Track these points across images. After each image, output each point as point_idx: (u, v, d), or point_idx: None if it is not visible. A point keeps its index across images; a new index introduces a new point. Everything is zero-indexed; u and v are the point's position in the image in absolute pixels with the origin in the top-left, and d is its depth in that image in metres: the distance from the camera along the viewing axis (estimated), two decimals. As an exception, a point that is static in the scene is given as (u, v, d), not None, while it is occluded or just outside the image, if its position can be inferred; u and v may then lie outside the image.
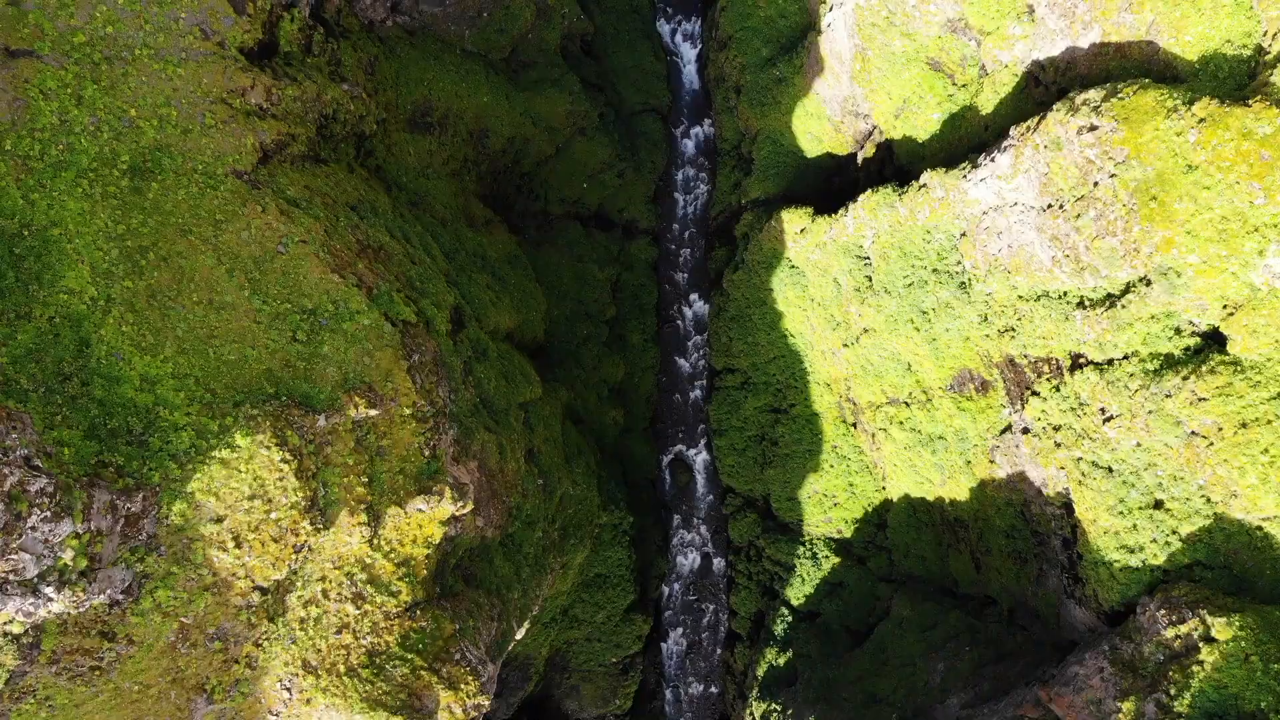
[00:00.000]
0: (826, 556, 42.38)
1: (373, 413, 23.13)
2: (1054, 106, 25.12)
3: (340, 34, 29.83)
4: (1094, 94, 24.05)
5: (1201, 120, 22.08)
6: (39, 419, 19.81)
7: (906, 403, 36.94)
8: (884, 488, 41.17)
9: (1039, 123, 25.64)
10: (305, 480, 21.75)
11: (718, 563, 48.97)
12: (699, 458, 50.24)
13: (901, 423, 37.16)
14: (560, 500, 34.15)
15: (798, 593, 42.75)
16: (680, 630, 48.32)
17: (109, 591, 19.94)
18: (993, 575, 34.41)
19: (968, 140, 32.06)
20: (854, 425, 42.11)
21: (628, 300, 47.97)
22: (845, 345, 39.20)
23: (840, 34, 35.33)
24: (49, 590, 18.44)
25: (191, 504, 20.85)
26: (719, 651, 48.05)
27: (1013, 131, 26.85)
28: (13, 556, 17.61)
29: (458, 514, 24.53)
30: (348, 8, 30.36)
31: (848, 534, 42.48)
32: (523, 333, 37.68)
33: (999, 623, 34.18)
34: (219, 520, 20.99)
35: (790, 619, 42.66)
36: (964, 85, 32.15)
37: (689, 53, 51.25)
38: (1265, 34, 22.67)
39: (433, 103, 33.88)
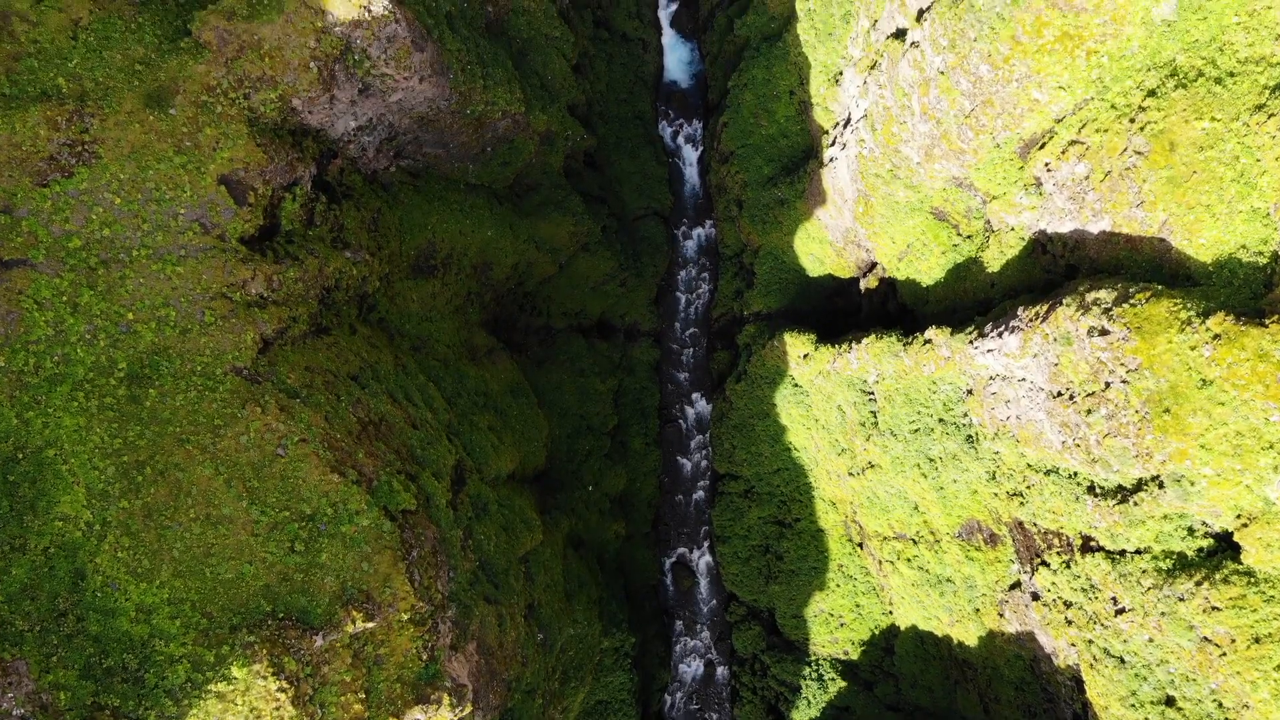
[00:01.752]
0: (833, 679, 41.82)
1: (370, 625, 22.72)
2: (1063, 300, 24.76)
3: (343, 194, 29.54)
4: (1105, 295, 23.70)
5: (1216, 336, 21.72)
6: (35, 664, 19.43)
7: (914, 540, 36.45)
8: (891, 611, 40.64)
9: (1048, 312, 25.28)
10: (302, 706, 21.32)
11: (721, 671, 48.40)
12: (702, 560, 49.72)
13: (909, 559, 36.69)
14: (560, 648, 33.67)
15: (803, 716, 42.16)
16: (683, 741, 47.75)
17: (101, 840, 19.51)
18: (1001, 722, 33.88)
19: (973, 293, 31.69)
20: (860, 545, 41.62)
21: (629, 405, 47.62)
22: (851, 474, 38.75)
23: (843, 173, 35.02)
24: None
25: (187, 741, 20.43)
26: (722, 764, 47.45)
27: (1021, 314, 26.49)
28: (2, 836, 17.23)
29: (456, 719, 24.09)
30: (350, 166, 30.08)
31: (854, 656, 41.92)
32: (524, 465, 37.29)
33: (1008, 773, 33.64)
34: (215, 756, 20.56)
35: (795, 744, 42.09)
36: (969, 236, 31.81)
37: (690, 154, 51.08)
38: (1280, 242, 22.31)
39: (436, 245, 33.61)
